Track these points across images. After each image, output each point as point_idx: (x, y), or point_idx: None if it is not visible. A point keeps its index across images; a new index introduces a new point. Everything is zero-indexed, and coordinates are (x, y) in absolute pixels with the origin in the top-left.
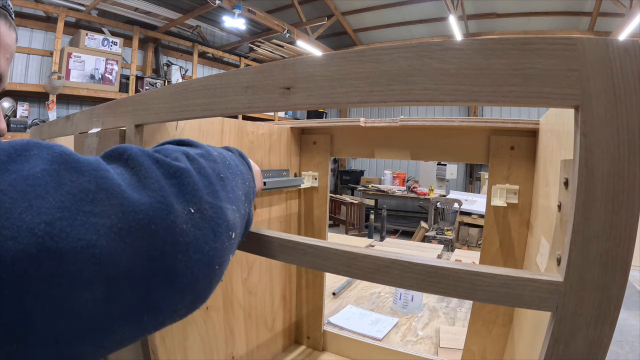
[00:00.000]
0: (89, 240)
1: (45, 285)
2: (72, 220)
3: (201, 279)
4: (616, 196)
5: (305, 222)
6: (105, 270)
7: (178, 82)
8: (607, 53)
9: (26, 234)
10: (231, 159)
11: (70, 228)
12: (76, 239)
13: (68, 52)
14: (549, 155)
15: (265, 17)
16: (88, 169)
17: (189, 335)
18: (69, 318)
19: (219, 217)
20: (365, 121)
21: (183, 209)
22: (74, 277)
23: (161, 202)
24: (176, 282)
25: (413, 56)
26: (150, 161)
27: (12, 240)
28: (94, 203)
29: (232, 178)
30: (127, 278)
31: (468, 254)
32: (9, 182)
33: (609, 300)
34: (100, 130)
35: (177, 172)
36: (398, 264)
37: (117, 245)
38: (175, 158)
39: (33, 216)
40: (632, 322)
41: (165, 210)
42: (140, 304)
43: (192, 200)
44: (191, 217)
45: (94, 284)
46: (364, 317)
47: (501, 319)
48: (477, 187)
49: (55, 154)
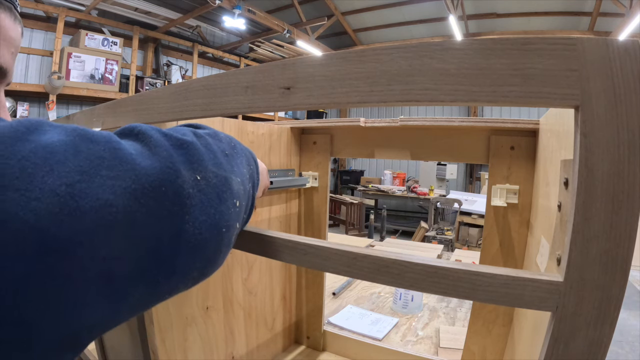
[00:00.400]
0: (106, 200)
1: (67, 243)
2: (90, 183)
3: (209, 240)
4: (616, 196)
5: (305, 222)
6: (121, 228)
7: (178, 82)
8: (607, 53)
9: (49, 195)
10: (237, 143)
11: (89, 189)
12: (95, 198)
13: (68, 52)
14: (549, 155)
15: (265, 17)
16: (102, 140)
17: (189, 336)
18: (87, 278)
19: (224, 185)
20: (365, 121)
21: (190, 176)
22: (93, 234)
23: (170, 167)
24: (185, 240)
25: (413, 56)
26: (159, 134)
27: (36, 200)
28: (109, 168)
29: (237, 156)
30: (141, 235)
31: (468, 254)
32: (29, 150)
33: (609, 300)
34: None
35: (185, 144)
36: (398, 264)
37: (132, 204)
38: (183, 133)
39: (54, 179)
40: (632, 322)
41: (173, 175)
42: (153, 262)
43: (198, 168)
44: (197, 183)
45: (111, 241)
46: (364, 317)
47: (501, 319)
48: (477, 187)
49: (69, 128)
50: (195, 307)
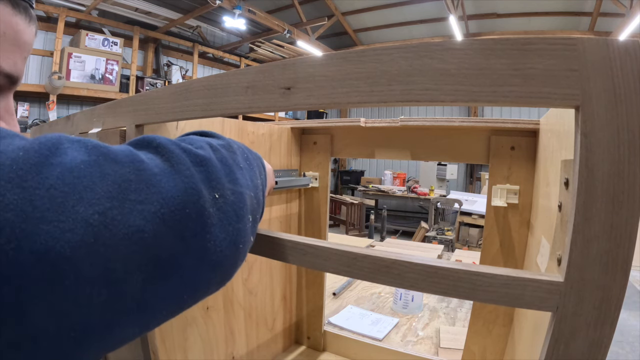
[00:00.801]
0: (138, 226)
1: (102, 270)
2: (121, 209)
3: (229, 256)
4: (617, 196)
5: (305, 222)
6: (152, 252)
7: (178, 82)
8: (607, 53)
9: (82, 225)
10: (249, 152)
11: (120, 216)
12: (127, 225)
13: (68, 52)
14: (550, 155)
15: (265, 17)
16: (125, 160)
17: (189, 336)
18: (121, 301)
19: (240, 202)
20: (365, 121)
21: (209, 195)
22: (127, 261)
23: (193, 187)
24: (207, 259)
25: (413, 56)
26: (179, 149)
27: (70, 232)
28: (137, 192)
29: (250, 169)
30: (169, 258)
31: (468, 254)
32: (56, 176)
33: (609, 300)
34: (101, 130)
35: (204, 161)
36: (398, 264)
37: (160, 229)
38: (200, 146)
39: (86, 207)
40: (632, 323)
41: (196, 195)
42: (180, 281)
43: (216, 186)
44: (216, 201)
45: (142, 265)
46: (364, 318)
47: (501, 319)
48: (477, 187)
49: (89, 146)
50: (196, 307)
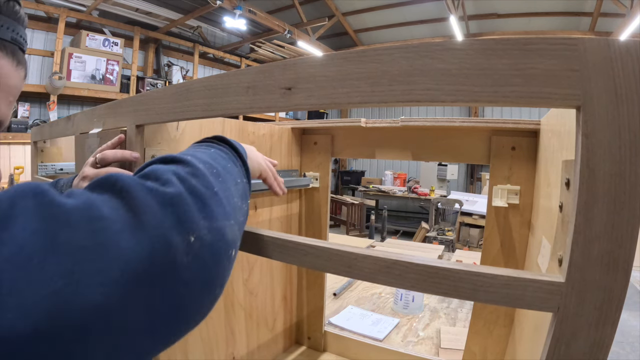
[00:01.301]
0: (97, 302)
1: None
2: (76, 286)
3: (206, 304)
4: (618, 197)
5: (306, 222)
6: (115, 321)
7: (179, 83)
8: (608, 53)
9: (36, 311)
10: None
11: (74, 295)
12: (84, 302)
13: (69, 52)
14: (550, 155)
15: (266, 18)
16: (80, 221)
17: (189, 336)
18: None
19: (219, 240)
20: (366, 122)
21: (182, 240)
22: (87, 336)
23: (160, 240)
24: (182, 313)
25: (414, 56)
26: (144, 192)
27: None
28: (93, 261)
29: (223, 185)
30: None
31: (469, 254)
32: (4, 259)
33: (610, 300)
34: (101, 130)
35: (173, 200)
36: (399, 265)
37: (124, 298)
38: (167, 181)
39: (37, 289)
40: (633, 323)
41: (165, 248)
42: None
43: (190, 228)
44: (190, 247)
45: (105, 335)
46: (364, 318)
47: (502, 320)
48: (478, 187)
49: (42, 206)
50: None
